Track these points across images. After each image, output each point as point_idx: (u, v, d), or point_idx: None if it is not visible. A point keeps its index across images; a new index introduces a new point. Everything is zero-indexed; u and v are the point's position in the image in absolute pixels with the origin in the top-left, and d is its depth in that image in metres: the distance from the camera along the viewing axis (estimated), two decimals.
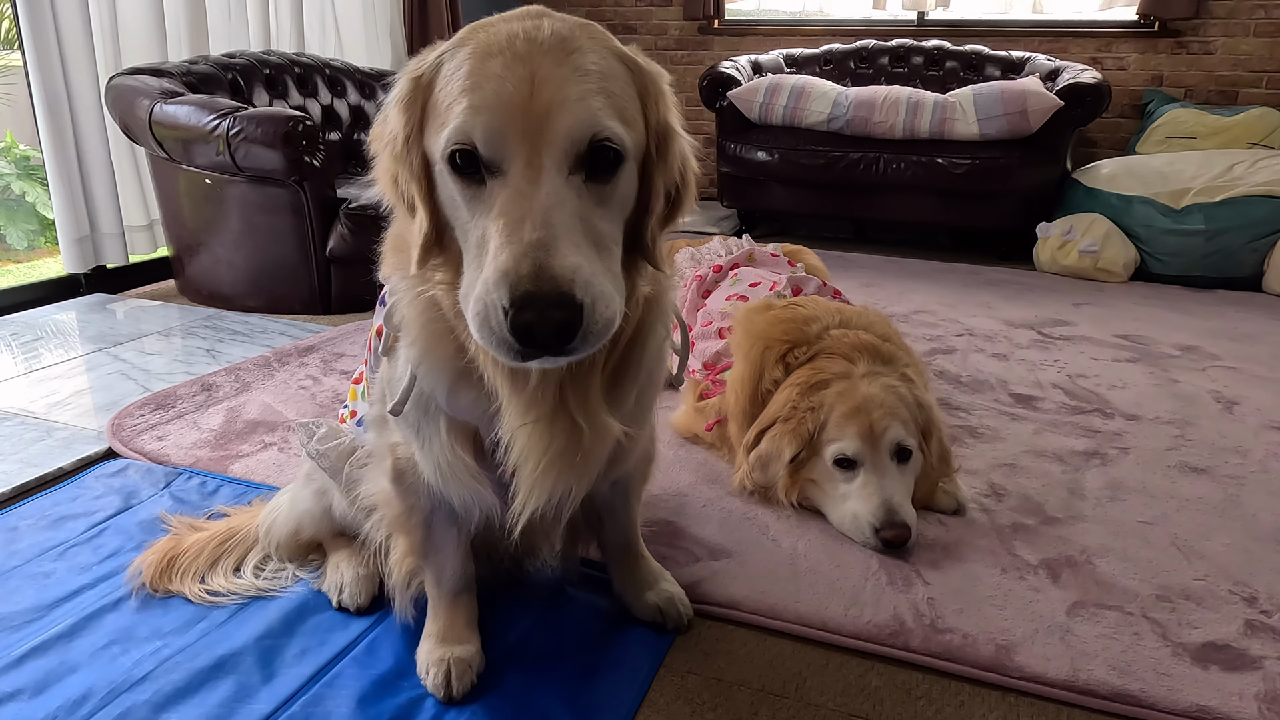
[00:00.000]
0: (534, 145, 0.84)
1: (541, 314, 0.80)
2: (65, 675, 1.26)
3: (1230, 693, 1.24)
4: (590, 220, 0.87)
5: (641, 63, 0.94)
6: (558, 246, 0.82)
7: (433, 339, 1.02)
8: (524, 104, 0.83)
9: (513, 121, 0.84)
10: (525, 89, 0.83)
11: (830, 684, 1.28)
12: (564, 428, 0.98)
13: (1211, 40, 4.52)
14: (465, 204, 0.89)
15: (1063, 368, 2.62)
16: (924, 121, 4.05)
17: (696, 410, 2.04)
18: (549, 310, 0.80)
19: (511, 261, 0.81)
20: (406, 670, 1.27)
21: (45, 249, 4.72)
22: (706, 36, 5.47)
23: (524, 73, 0.84)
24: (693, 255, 2.55)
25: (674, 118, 0.97)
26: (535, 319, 0.80)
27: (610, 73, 0.89)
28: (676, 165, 0.97)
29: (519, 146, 0.84)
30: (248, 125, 2.86)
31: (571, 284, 0.81)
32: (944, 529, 1.67)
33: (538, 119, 0.83)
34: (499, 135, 0.84)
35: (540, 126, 0.83)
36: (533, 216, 0.82)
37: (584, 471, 1.02)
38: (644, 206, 0.97)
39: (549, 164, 0.84)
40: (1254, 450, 2.05)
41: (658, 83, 0.95)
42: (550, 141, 0.84)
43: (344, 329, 2.87)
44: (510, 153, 0.84)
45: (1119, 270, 3.70)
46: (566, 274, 0.81)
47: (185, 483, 1.82)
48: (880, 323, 1.91)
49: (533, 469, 0.99)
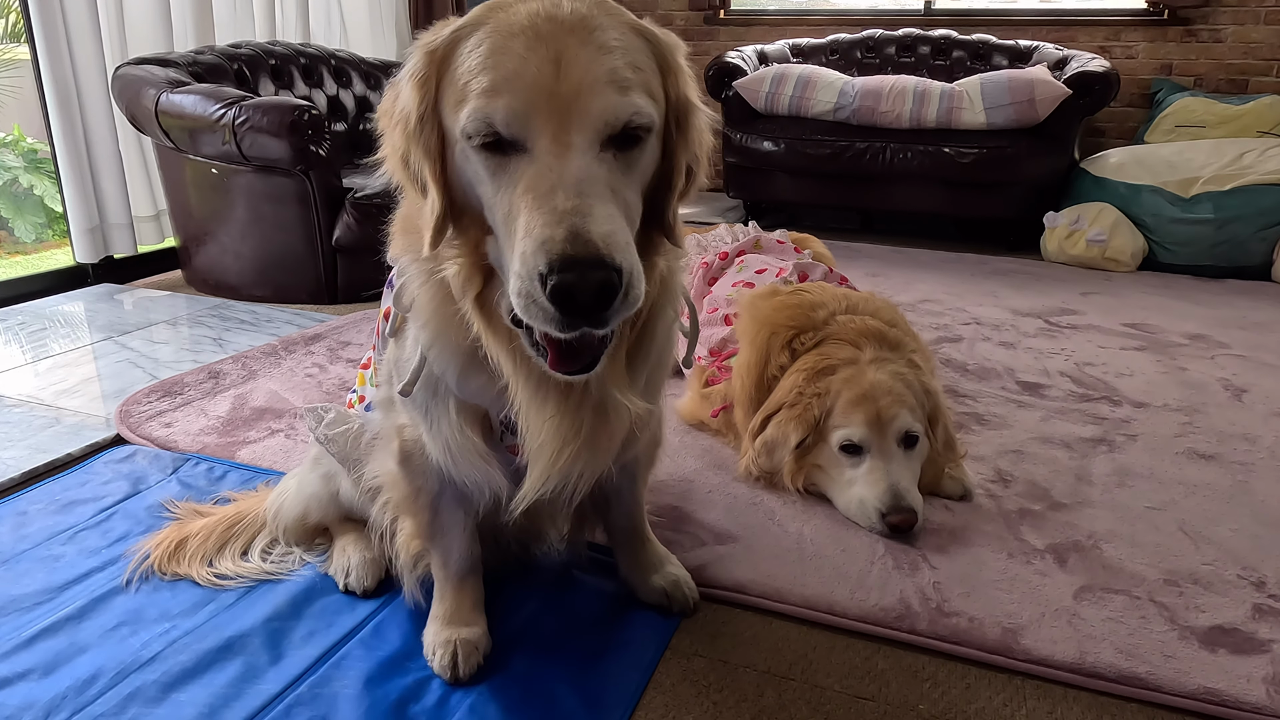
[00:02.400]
0: (562, 123, 0.83)
1: (581, 275, 0.79)
2: (75, 656, 1.26)
3: (1238, 675, 1.24)
4: (620, 191, 0.86)
5: (659, 35, 0.94)
6: (593, 213, 0.81)
7: (445, 323, 1.01)
8: (549, 85, 0.83)
9: (537, 102, 0.83)
10: (550, 69, 0.83)
11: (836, 666, 1.28)
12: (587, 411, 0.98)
13: (1221, 28, 4.48)
14: (489, 174, 0.88)
15: (1070, 356, 2.61)
16: (931, 111, 4.03)
17: (702, 396, 2.04)
18: (588, 271, 0.79)
19: (547, 229, 0.81)
20: (413, 652, 1.28)
21: (53, 241, 4.74)
22: (712, 27, 5.45)
23: (548, 53, 0.83)
24: (699, 242, 2.54)
25: (693, 91, 0.96)
26: (576, 280, 0.79)
27: (633, 48, 0.89)
28: (696, 139, 0.97)
29: (545, 125, 0.83)
30: (253, 114, 2.86)
31: (610, 247, 0.81)
32: (950, 514, 1.67)
33: (565, 100, 0.83)
34: (523, 115, 0.84)
35: (568, 107, 0.83)
36: (564, 186, 0.82)
37: (599, 454, 1.02)
38: (665, 183, 0.96)
39: (579, 141, 0.84)
40: (1263, 437, 2.04)
41: (675, 56, 0.95)
42: (581, 122, 0.83)
43: (350, 318, 2.87)
44: (536, 130, 0.84)
45: (1127, 260, 3.68)
46: (603, 237, 0.81)
47: (193, 468, 1.83)
48: (887, 309, 1.91)
49: (551, 456, 0.99)
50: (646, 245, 0.98)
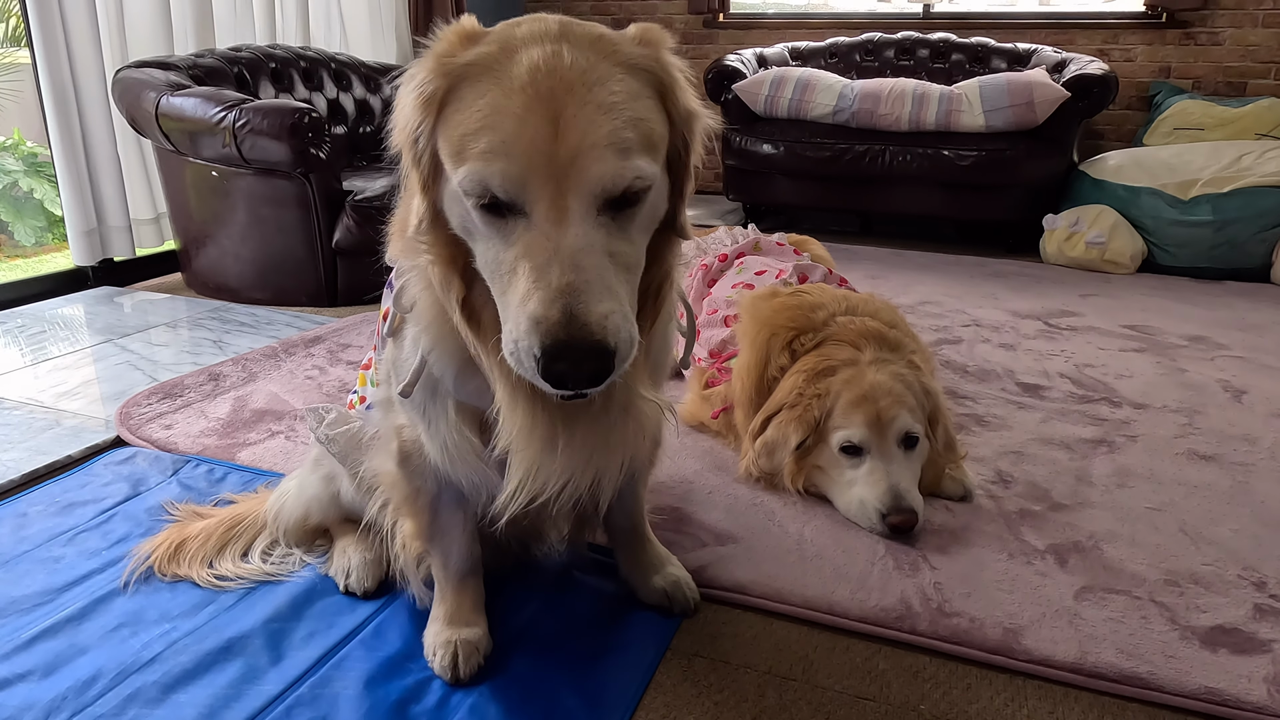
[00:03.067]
0: (559, 188, 0.82)
1: (575, 365, 0.81)
2: (75, 657, 1.26)
3: (1239, 675, 1.24)
4: (618, 252, 0.86)
5: (655, 60, 0.90)
6: (589, 292, 0.81)
7: (444, 326, 1.01)
8: (547, 148, 0.81)
9: (534, 167, 0.82)
10: (548, 131, 0.81)
11: (837, 667, 1.28)
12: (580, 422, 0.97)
13: (1219, 31, 4.49)
14: (484, 231, 0.87)
15: (1070, 357, 2.61)
16: (930, 113, 4.04)
17: (703, 398, 2.04)
18: (583, 362, 0.81)
19: (541, 308, 0.81)
20: (414, 652, 1.27)
21: (53, 245, 4.74)
22: (711, 30, 5.46)
23: (546, 113, 0.81)
24: (699, 245, 2.54)
25: (693, 101, 0.95)
26: (569, 370, 0.81)
27: (632, 94, 0.86)
28: (701, 143, 0.97)
29: (543, 190, 0.82)
30: (254, 117, 2.86)
31: (604, 331, 0.81)
32: (951, 515, 1.67)
33: (562, 165, 0.81)
34: (519, 180, 0.82)
35: (565, 172, 0.82)
36: (560, 260, 0.81)
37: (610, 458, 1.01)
38: (676, 191, 0.96)
39: (575, 206, 0.83)
40: (1263, 438, 2.04)
41: (671, 73, 0.92)
42: (578, 187, 0.82)
43: (350, 320, 2.87)
44: (533, 195, 0.83)
45: (1126, 262, 3.68)
46: (599, 321, 0.81)
47: (193, 470, 1.83)
48: (886, 310, 1.91)
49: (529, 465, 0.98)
50: (661, 246, 0.97)
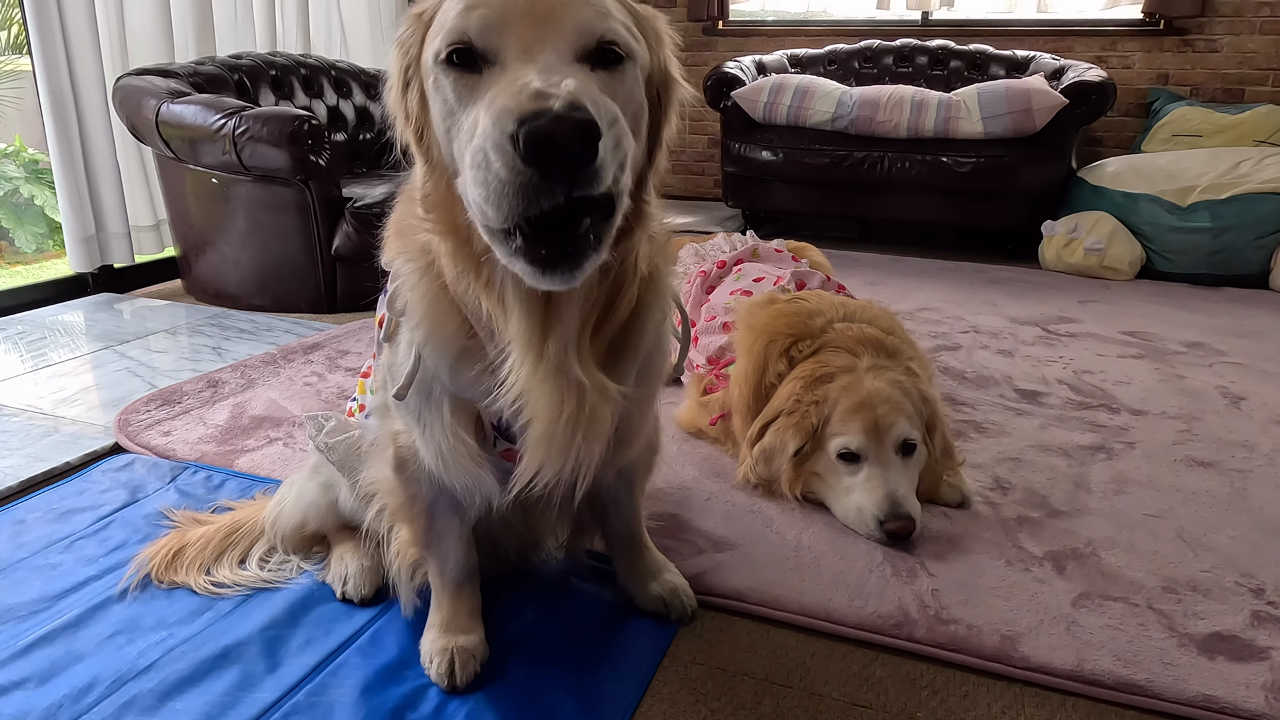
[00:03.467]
0: (536, 36, 0.81)
1: (557, 120, 0.72)
2: (71, 664, 1.26)
3: (1237, 682, 1.24)
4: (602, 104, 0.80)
5: (641, 8, 0.94)
6: (566, 81, 0.77)
7: (437, 316, 1.01)
8: (525, 4, 0.82)
9: (510, 15, 0.82)
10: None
11: (834, 674, 1.28)
12: (572, 386, 0.95)
13: (1217, 38, 4.50)
14: (457, 99, 0.84)
15: (1068, 364, 2.62)
16: (929, 120, 4.04)
17: (701, 405, 2.04)
18: (567, 112, 0.72)
19: (512, 100, 0.75)
20: (410, 660, 1.27)
21: (53, 251, 4.75)
22: (711, 37, 5.47)
23: None
24: (697, 251, 2.55)
25: (674, 65, 0.96)
26: (551, 125, 0.72)
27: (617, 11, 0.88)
28: (675, 112, 0.97)
29: (518, 36, 0.81)
30: (254, 125, 2.87)
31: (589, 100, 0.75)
32: (948, 522, 1.67)
33: (539, 16, 0.82)
34: (495, 25, 0.82)
35: (543, 22, 0.81)
36: (536, 73, 0.78)
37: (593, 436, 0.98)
38: (647, 154, 0.96)
39: (552, 51, 0.81)
40: (1261, 444, 2.04)
41: (657, 26, 0.95)
42: (555, 35, 0.82)
43: (349, 327, 2.88)
44: (508, 41, 0.82)
45: (1125, 268, 3.69)
46: (579, 90, 0.75)
47: (191, 477, 1.83)
48: (884, 316, 1.91)
49: (544, 430, 0.95)
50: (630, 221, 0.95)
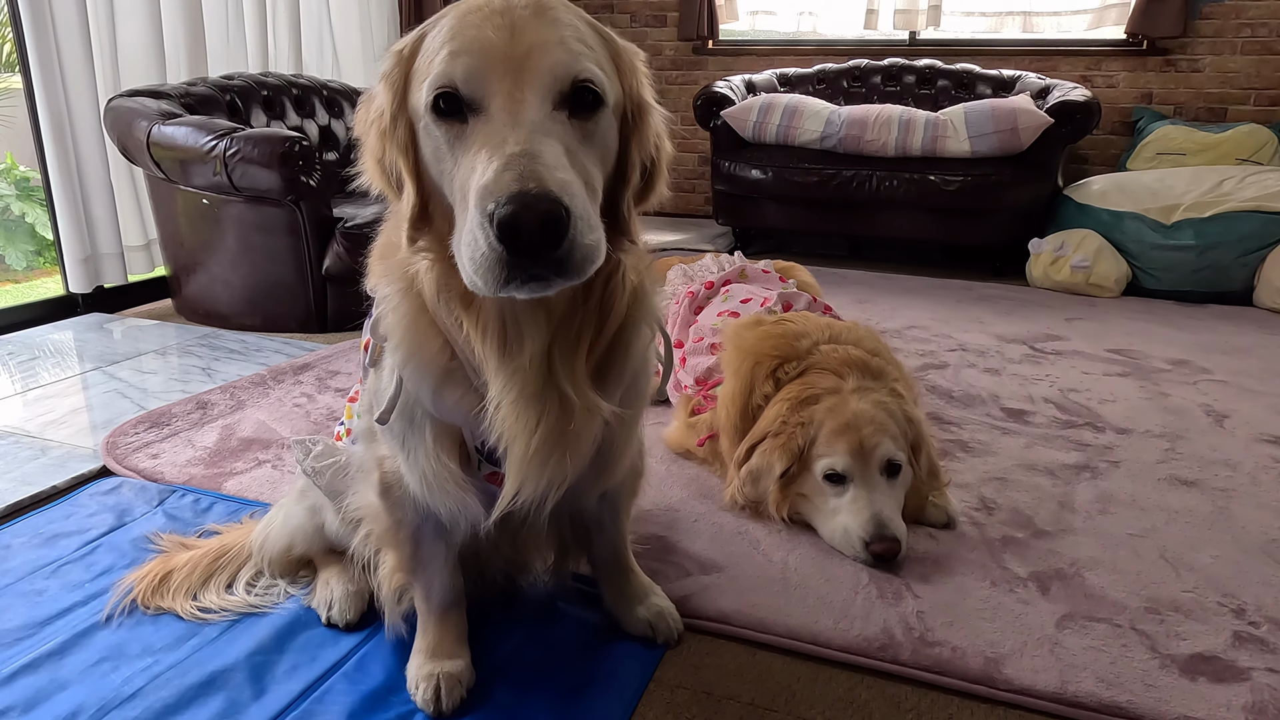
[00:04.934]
0: (516, 81, 0.86)
1: (525, 206, 0.79)
2: (55, 692, 1.26)
3: (1218, 704, 1.25)
4: (575, 154, 0.87)
5: (616, 37, 0.98)
6: (542, 156, 0.83)
7: (418, 339, 1.03)
8: (504, 47, 0.87)
9: (492, 62, 0.86)
10: (505, 34, 0.87)
11: (820, 697, 1.28)
12: (553, 405, 0.98)
13: (1199, 58, 4.57)
14: (448, 147, 0.89)
15: (1054, 382, 2.64)
16: (916, 139, 4.09)
17: (688, 425, 2.05)
18: (535, 202, 0.79)
19: (494, 174, 0.82)
20: (397, 685, 1.27)
21: (43, 269, 4.74)
22: (701, 57, 5.52)
23: (503, 22, 0.88)
24: (685, 272, 2.56)
25: (648, 92, 0.99)
26: (519, 211, 0.79)
27: (587, 35, 0.93)
28: (651, 138, 1.00)
29: (500, 84, 0.86)
30: (245, 146, 2.88)
31: (560, 186, 0.81)
32: (934, 542, 1.68)
33: (518, 60, 0.86)
34: (479, 73, 0.87)
35: (521, 66, 0.86)
36: (516, 134, 0.84)
37: (575, 454, 1.01)
38: (621, 176, 0.98)
39: (531, 97, 0.86)
40: (1244, 463, 2.06)
41: (631, 56, 0.98)
42: (532, 78, 0.86)
43: (339, 347, 2.88)
44: (491, 89, 0.86)
45: (1111, 285, 3.72)
46: (552, 177, 0.81)
47: (178, 500, 1.83)
48: (870, 338, 1.93)
49: (523, 449, 0.98)
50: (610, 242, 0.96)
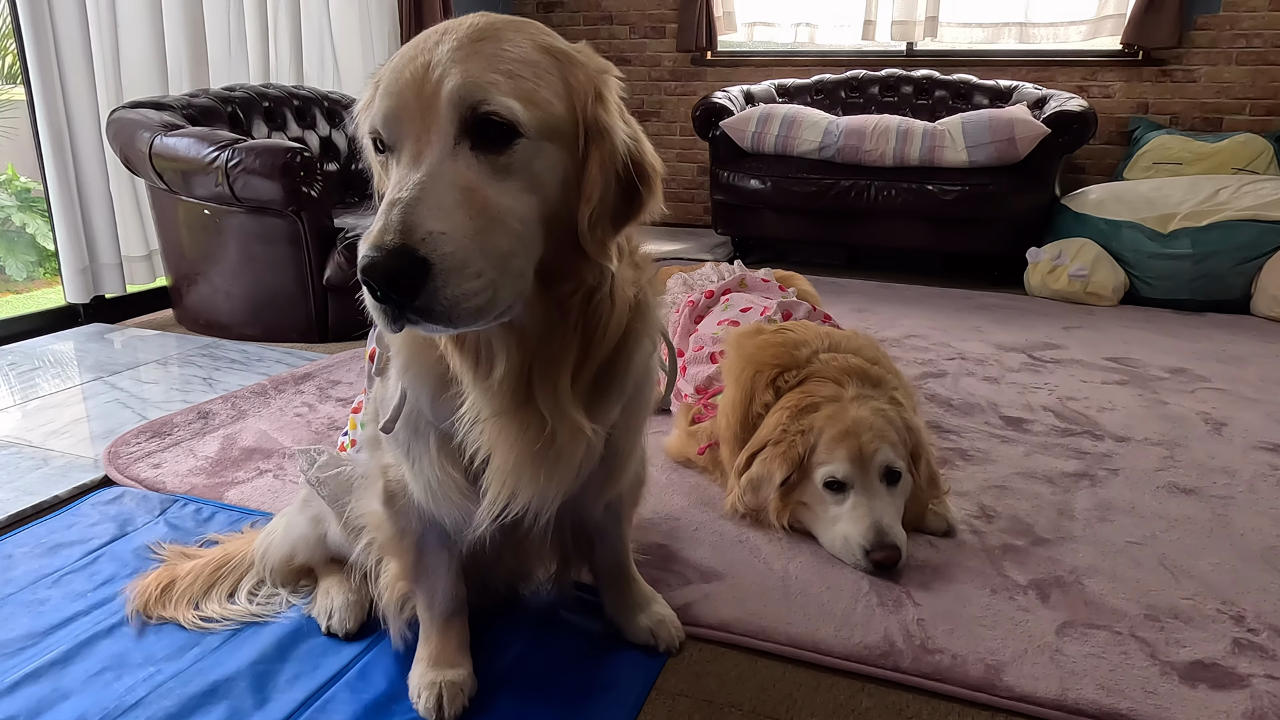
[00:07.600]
0: (424, 123, 0.87)
1: (372, 264, 0.81)
2: (58, 702, 1.26)
3: (1218, 711, 1.25)
4: (480, 191, 0.86)
5: (577, 58, 0.94)
6: (416, 208, 0.83)
7: (416, 347, 1.05)
8: (416, 88, 0.88)
9: (406, 104, 0.88)
10: (421, 73, 0.87)
11: (821, 705, 1.28)
12: (534, 424, 0.99)
13: (1195, 69, 4.60)
14: (385, 176, 0.93)
15: (1053, 390, 2.65)
16: (914, 149, 4.11)
17: (689, 434, 2.06)
18: (382, 259, 0.81)
19: (375, 220, 0.85)
20: (399, 694, 1.28)
21: (44, 280, 4.76)
22: (699, 68, 5.55)
23: (424, 61, 0.88)
24: (685, 281, 2.58)
25: (606, 114, 0.94)
26: (368, 266, 0.82)
27: (524, 60, 0.89)
28: (614, 161, 0.94)
29: (409, 127, 0.88)
30: (246, 157, 2.90)
31: (419, 241, 0.81)
32: (934, 550, 1.68)
33: (427, 100, 0.87)
34: (394, 116, 0.89)
35: (429, 105, 0.87)
36: (411, 177, 0.86)
37: (558, 472, 1.02)
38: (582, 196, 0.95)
39: (435, 138, 0.87)
40: (1242, 471, 2.07)
41: (592, 77, 0.94)
42: (436, 117, 0.87)
43: (340, 357, 2.89)
44: (404, 132, 0.88)
45: (1108, 294, 3.74)
46: (415, 231, 0.82)
47: (180, 510, 1.83)
48: (869, 346, 1.94)
49: (501, 465, 1.00)
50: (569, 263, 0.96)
